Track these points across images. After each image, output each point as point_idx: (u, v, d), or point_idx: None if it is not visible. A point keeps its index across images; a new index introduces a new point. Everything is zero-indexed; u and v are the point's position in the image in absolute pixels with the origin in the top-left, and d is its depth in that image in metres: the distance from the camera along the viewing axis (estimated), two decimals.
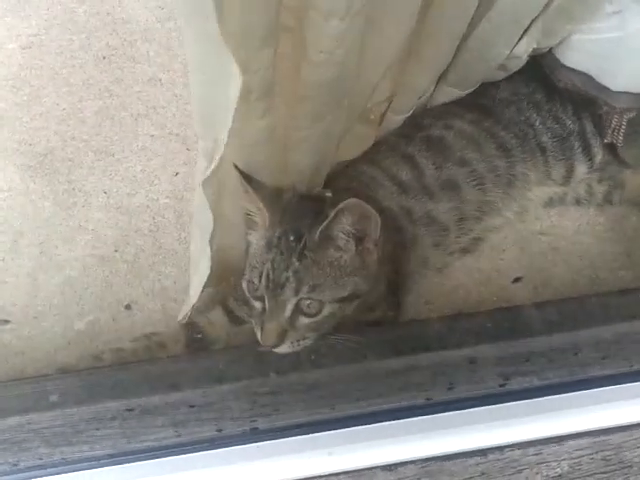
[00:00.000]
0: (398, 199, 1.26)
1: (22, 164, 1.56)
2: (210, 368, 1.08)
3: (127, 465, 1.01)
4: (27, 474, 0.99)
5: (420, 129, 1.36)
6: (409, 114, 1.34)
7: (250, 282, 1.04)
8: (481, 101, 1.40)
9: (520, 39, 1.25)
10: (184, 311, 1.23)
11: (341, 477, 1.08)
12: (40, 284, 1.39)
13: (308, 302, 0.99)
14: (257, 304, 1.04)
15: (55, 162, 1.56)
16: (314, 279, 0.99)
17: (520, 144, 1.36)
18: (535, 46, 1.29)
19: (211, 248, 1.06)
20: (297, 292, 0.99)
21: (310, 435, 1.05)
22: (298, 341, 1.00)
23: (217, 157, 0.89)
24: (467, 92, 1.37)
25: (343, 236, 1.01)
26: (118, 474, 1.02)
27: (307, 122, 1.03)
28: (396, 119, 1.34)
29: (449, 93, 1.37)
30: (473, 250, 1.37)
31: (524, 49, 1.28)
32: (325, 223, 0.99)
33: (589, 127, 1.40)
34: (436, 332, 1.10)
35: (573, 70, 1.33)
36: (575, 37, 1.29)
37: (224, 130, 0.85)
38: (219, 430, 0.99)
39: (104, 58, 1.74)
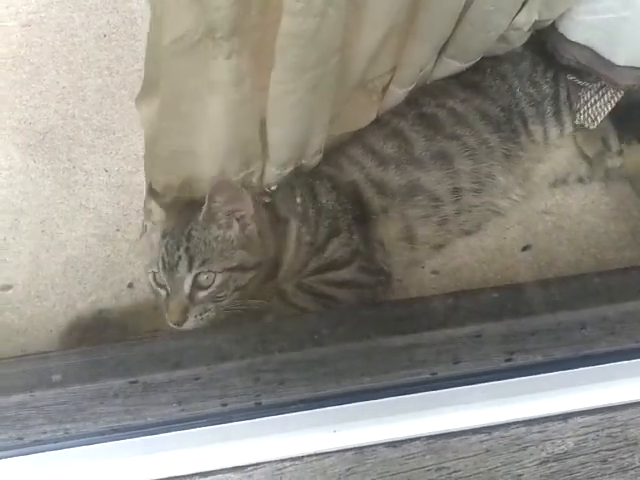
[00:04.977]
0: (368, 172, 1.28)
1: (22, 143, 1.55)
2: (213, 346, 1.07)
3: (133, 440, 1.01)
4: (33, 448, 0.99)
5: (413, 107, 1.36)
6: (412, 87, 1.32)
7: (153, 273, 1.16)
8: (473, 77, 1.39)
9: (520, 10, 1.23)
10: None
11: (347, 454, 1.08)
12: (42, 263, 1.38)
13: (205, 276, 1.12)
14: (162, 292, 1.15)
15: (55, 140, 1.56)
16: (203, 254, 1.12)
17: (507, 117, 1.35)
18: (537, 18, 1.28)
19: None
20: (190, 268, 1.11)
21: (314, 411, 1.04)
22: (201, 314, 1.12)
23: None
24: (468, 65, 1.36)
25: (222, 215, 1.14)
26: (124, 448, 1.02)
27: (290, 74, 1.04)
28: (399, 92, 1.32)
29: (449, 66, 1.35)
30: (476, 230, 1.37)
31: (525, 20, 1.26)
32: (205, 206, 1.12)
33: (563, 94, 1.39)
34: (440, 310, 1.09)
35: (577, 45, 1.31)
36: (580, 13, 1.28)
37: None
38: (224, 405, 0.99)
39: (104, 36, 1.73)
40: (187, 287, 1.11)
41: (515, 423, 1.11)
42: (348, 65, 1.16)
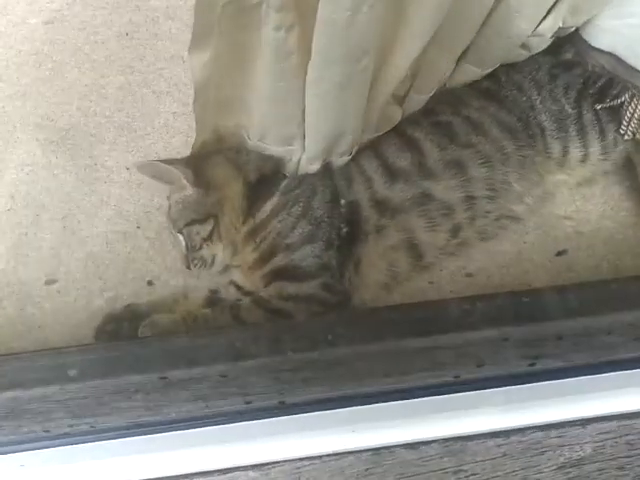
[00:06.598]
0: (374, 190, 1.28)
1: (44, 139, 1.56)
2: (227, 346, 1.07)
3: (154, 436, 1.01)
4: (60, 440, 1.00)
5: (429, 116, 1.35)
6: (432, 93, 1.32)
7: None
8: (489, 86, 1.39)
9: (545, 17, 1.23)
10: None
11: (365, 454, 1.08)
12: (63, 259, 1.39)
13: (182, 233, 1.30)
14: None
15: (77, 137, 1.56)
16: (174, 216, 1.31)
17: (524, 126, 1.34)
18: (561, 25, 1.28)
19: None
20: (174, 229, 1.32)
21: (333, 411, 1.05)
22: (193, 262, 1.30)
23: None
24: (486, 71, 1.36)
25: (174, 183, 1.30)
26: (145, 444, 1.03)
27: (319, 61, 1.05)
28: (419, 99, 1.32)
29: (468, 72, 1.35)
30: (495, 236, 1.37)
31: (549, 27, 1.26)
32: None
33: (588, 116, 1.36)
34: (463, 313, 1.08)
35: (601, 52, 1.32)
36: (604, 19, 1.28)
37: None
38: (248, 403, 1.00)
39: (127, 34, 1.74)
40: (182, 241, 1.30)
41: (532, 428, 1.11)
42: (384, 76, 1.17)
